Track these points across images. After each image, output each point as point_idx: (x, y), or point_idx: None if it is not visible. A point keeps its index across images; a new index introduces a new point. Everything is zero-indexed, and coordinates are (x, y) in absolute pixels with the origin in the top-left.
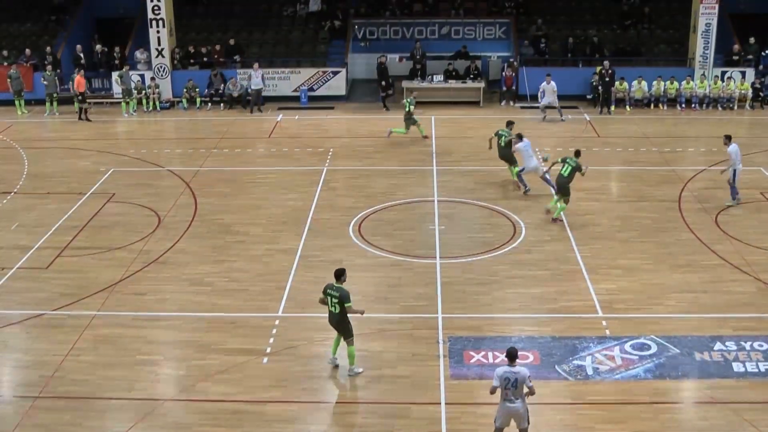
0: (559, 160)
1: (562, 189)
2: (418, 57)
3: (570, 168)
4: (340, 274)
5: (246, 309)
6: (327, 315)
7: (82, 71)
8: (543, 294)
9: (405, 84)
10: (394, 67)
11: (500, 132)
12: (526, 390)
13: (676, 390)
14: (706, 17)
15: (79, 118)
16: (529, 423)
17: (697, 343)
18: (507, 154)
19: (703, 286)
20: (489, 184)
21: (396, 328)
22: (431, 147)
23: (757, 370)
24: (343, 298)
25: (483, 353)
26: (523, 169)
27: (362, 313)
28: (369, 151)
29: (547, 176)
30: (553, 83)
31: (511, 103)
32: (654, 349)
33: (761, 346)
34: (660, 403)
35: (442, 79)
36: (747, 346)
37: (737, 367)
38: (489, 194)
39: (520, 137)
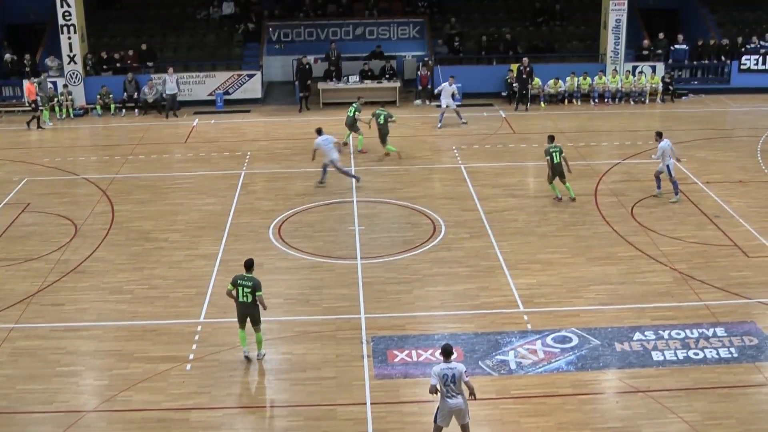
0: (545, 153)
1: (558, 173)
2: (333, 58)
3: (558, 154)
4: (250, 265)
5: (167, 316)
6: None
7: (32, 78)
8: (464, 291)
9: (321, 85)
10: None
11: (377, 112)
12: (465, 388)
13: (598, 381)
14: (616, 13)
15: (28, 125)
16: (469, 418)
17: (616, 333)
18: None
19: (621, 278)
20: (408, 183)
21: (319, 329)
22: (349, 147)
23: (675, 358)
24: (256, 287)
25: (407, 352)
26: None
27: (265, 308)
28: (287, 153)
29: (345, 169)
30: (455, 86)
31: (427, 101)
32: (575, 341)
33: (678, 334)
34: (583, 395)
35: (357, 79)
36: (665, 335)
37: (656, 355)
38: (408, 193)
39: (319, 132)
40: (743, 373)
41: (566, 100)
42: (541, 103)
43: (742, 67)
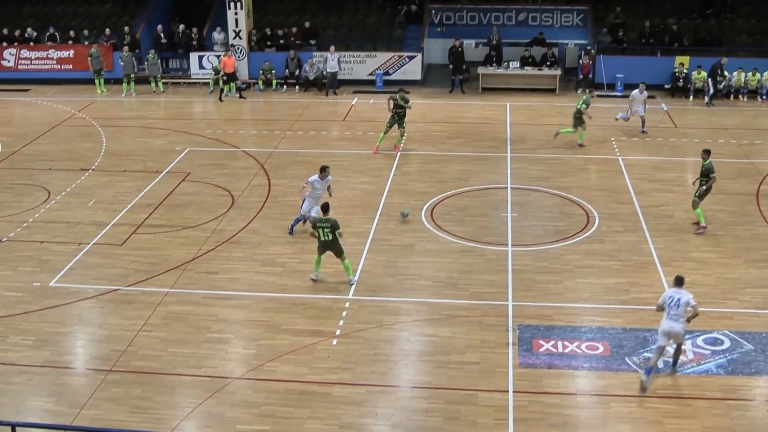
0: (706, 171)
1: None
2: (494, 43)
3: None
4: (326, 209)
5: (316, 290)
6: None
7: (230, 52)
8: (614, 285)
9: (480, 70)
10: (470, 53)
11: (393, 96)
12: (690, 312)
13: (748, 387)
14: None
15: (221, 98)
16: (684, 342)
17: None
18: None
19: None
20: (563, 173)
21: (466, 314)
22: (506, 134)
23: None
24: (335, 226)
25: (552, 342)
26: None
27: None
28: (443, 136)
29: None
30: (645, 93)
31: (588, 91)
32: (727, 344)
33: None
34: (731, 400)
35: (518, 65)
36: None
37: None
38: (563, 182)
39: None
40: None
41: (732, 96)
42: (705, 97)
43: None
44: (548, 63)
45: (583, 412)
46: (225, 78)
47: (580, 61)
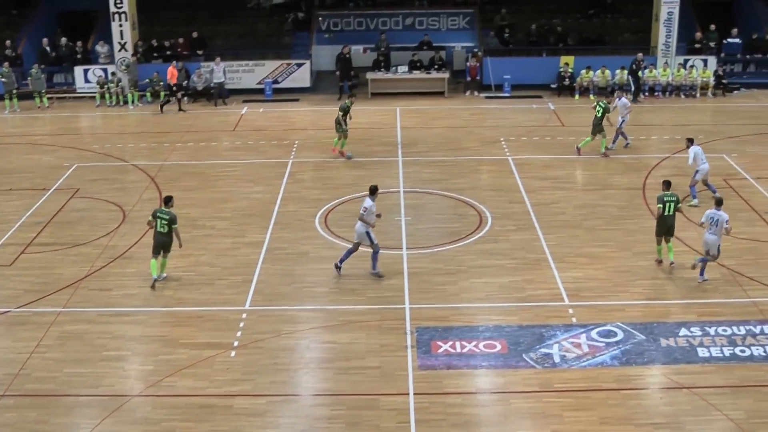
0: (657, 200)
1: (667, 229)
2: (382, 48)
3: (673, 205)
4: (168, 200)
5: (213, 303)
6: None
7: (175, 62)
8: (510, 283)
9: (369, 75)
10: (359, 58)
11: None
12: (726, 229)
13: (642, 376)
14: (668, 6)
15: (162, 108)
16: (719, 253)
17: (662, 329)
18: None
19: (668, 273)
20: (455, 175)
21: (364, 319)
22: (396, 138)
23: (721, 355)
24: (172, 221)
25: (450, 343)
26: None
27: (180, 245)
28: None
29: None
30: (624, 99)
31: (476, 93)
32: (620, 336)
33: (725, 331)
34: (627, 390)
35: (406, 70)
36: (711, 331)
37: (702, 352)
38: (455, 184)
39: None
40: None
41: (616, 93)
42: (591, 95)
43: None
44: (436, 66)
45: (484, 410)
46: (174, 88)
47: (468, 64)
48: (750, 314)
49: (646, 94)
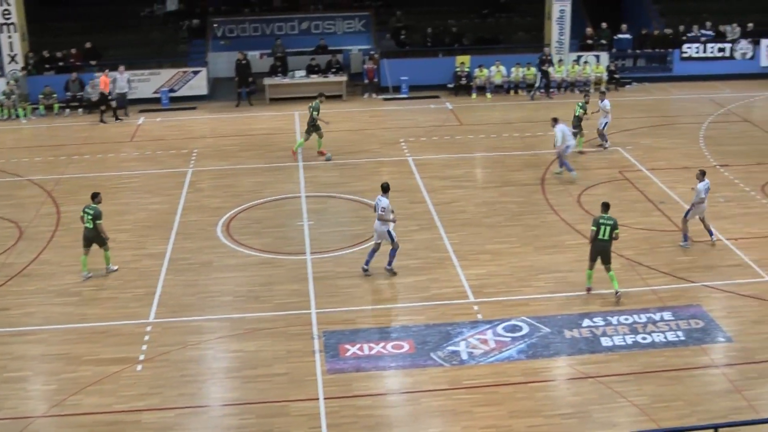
0: (593, 223)
1: (601, 252)
2: (278, 54)
3: (609, 229)
4: (95, 196)
5: (116, 317)
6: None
7: (107, 71)
8: (415, 283)
9: (266, 81)
10: (256, 64)
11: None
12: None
13: (548, 368)
14: (560, 3)
15: (102, 121)
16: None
17: (566, 321)
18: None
19: (570, 266)
20: (356, 177)
21: (270, 326)
22: (296, 143)
23: (624, 343)
24: (97, 216)
25: (358, 345)
26: None
27: (106, 237)
28: (234, 150)
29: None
30: (606, 101)
31: (374, 95)
32: (526, 330)
33: (627, 319)
34: (534, 382)
35: (304, 74)
36: (614, 320)
37: (605, 341)
38: (356, 187)
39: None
40: (690, 356)
41: (512, 91)
42: (488, 94)
43: (684, 55)
44: (334, 70)
45: (394, 411)
46: (109, 99)
47: (365, 66)
48: (650, 302)
49: (542, 90)
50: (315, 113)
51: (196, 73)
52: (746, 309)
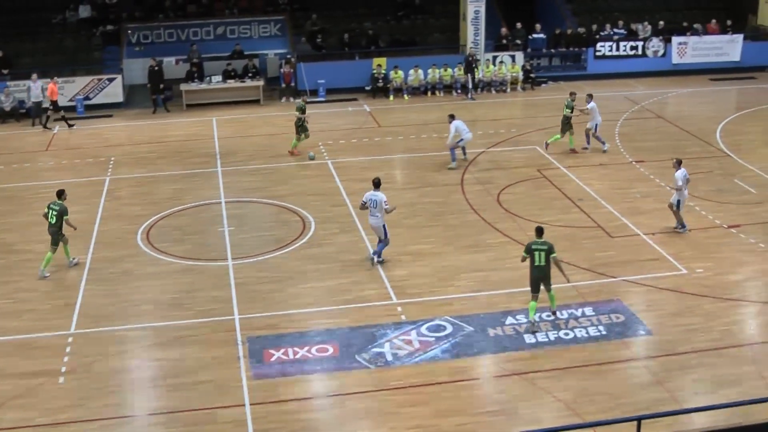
0: (525, 250)
1: (541, 278)
2: (194, 59)
3: (544, 254)
4: (61, 193)
5: (37, 329)
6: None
7: (55, 78)
8: (337, 286)
9: (183, 87)
10: (172, 70)
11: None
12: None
13: (473, 367)
14: (475, 5)
15: (44, 126)
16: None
17: (489, 319)
18: None
19: (491, 264)
20: (276, 182)
21: (194, 333)
22: (215, 149)
23: (547, 340)
24: (63, 212)
25: (283, 350)
26: None
27: (75, 227)
28: (152, 157)
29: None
30: (593, 103)
31: (292, 99)
32: (449, 329)
33: (549, 316)
34: (460, 381)
35: (220, 79)
36: (536, 317)
37: (529, 338)
38: (277, 191)
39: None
40: (612, 350)
41: (429, 92)
42: (405, 95)
43: (598, 53)
44: (250, 75)
45: (321, 415)
46: (51, 107)
47: (282, 70)
48: (571, 298)
49: (459, 91)
50: (299, 113)
51: (111, 80)
52: (665, 302)
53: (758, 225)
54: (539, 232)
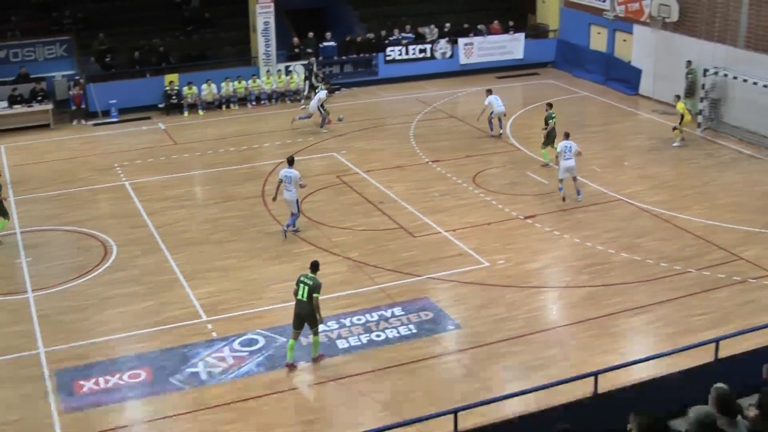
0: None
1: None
2: None
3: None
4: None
5: None
6: None
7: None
8: (145, 309)
9: None
10: None
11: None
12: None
13: (290, 377)
14: (264, 16)
15: None
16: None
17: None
18: None
19: (298, 273)
20: (73, 207)
21: None
22: (5, 177)
23: (360, 343)
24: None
25: (93, 380)
26: None
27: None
28: None
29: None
30: (492, 96)
31: (83, 121)
32: (262, 342)
33: (360, 320)
34: (277, 393)
35: (6, 105)
36: (347, 322)
37: (341, 343)
38: (74, 217)
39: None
40: (424, 347)
41: (224, 106)
42: (200, 110)
43: (388, 58)
44: (38, 98)
45: None
46: None
47: (71, 92)
48: (379, 300)
49: (254, 103)
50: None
51: None
52: (470, 295)
53: (552, 214)
54: (313, 266)
